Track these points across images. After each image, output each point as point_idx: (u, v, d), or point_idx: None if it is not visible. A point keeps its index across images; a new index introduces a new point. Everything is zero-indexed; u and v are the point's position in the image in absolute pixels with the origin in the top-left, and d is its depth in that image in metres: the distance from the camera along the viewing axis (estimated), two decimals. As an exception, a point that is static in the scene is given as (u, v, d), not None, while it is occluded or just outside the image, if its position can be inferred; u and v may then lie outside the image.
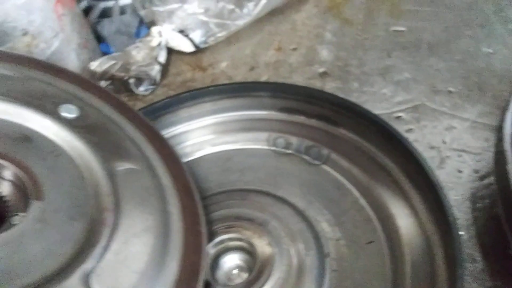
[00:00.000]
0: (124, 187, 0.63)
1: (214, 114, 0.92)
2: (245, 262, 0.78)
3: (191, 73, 1.09)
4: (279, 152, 0.89)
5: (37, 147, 0.65)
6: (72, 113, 0.68)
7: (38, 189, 0.61)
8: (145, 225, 0.61)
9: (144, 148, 0.71)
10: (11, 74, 0.70)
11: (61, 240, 0.58)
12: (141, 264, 0.58)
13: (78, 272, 0.54)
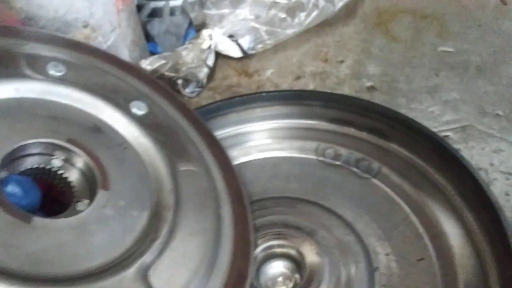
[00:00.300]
0: (184, 187, 0.64)
1: (263, 120, 0.93)
2: (291, 270, 0.78)
3: (237, 78, 1.09)
4: (327, 162, 0.89)
5: (106, 138, 0.66)
6: (142, 110, 0.70)
7: (105, 178, 0.62)
8: (201, 226, 0.62)
9: (203, 152, 0.72)
10: (90, 66, 0.72)
11: (123, 231, 0.59)
12: (195, 263, 0.58)
13: (137, 265, 0.55)
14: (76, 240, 0.56)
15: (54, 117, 0.65)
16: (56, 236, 0.55)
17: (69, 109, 0.67)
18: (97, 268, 0.54)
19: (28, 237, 0.53)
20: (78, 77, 0.69)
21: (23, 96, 0.64)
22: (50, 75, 0.67)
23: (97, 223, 0.58)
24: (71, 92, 0.67)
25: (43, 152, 0.64)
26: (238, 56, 1.10)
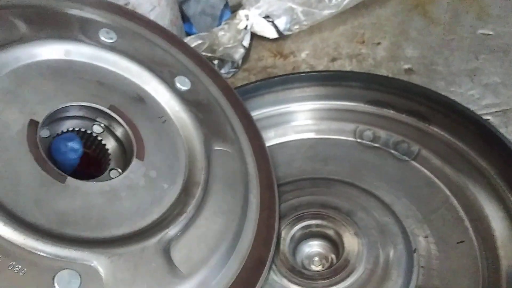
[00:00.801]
0: (216, 167, 0.65)
1: (301, 101, 0.92)
2: (327, 250, 0.78)
3: (272, 59, 1.08)
4: (365, 144, 0.88)
5: (148, 109, 0.66)
6: (185, 85, 0.71)
7: (141, 149, 0.62)
8: (227, 207, 0.62)
9: (239, 134, 0.73)
10: (140, 37, 0.72)
11: (152, 202, 0.59)
12: (216, 243, 0.59)
13: (160, 236, 0.56)
14: (105, 205, 0.56)
15: (100, 83, 0.65)
16: (86, 198, 0.55)
17: (115, 77, 0.67)
18: (121, 234, 0.55)
19: (60, 196, 0.54)
20: (128, 46, 0.69)
21: (72, 59, 0.64)
22: (101, 41, 0.67)
23: (127, 191, 0.58)
24: (119, 60, 0.67)
25: (85, 116, 0.65)
26: (273, 37, 1.09)
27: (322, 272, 0.72)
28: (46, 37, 0.62)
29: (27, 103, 0.58)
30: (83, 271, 0.49)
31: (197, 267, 0.55)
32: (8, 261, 0.46)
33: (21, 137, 0.55)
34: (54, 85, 0.61)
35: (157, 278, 0.53)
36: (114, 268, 0.51)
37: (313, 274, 0.72)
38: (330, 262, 0.76)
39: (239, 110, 0.76)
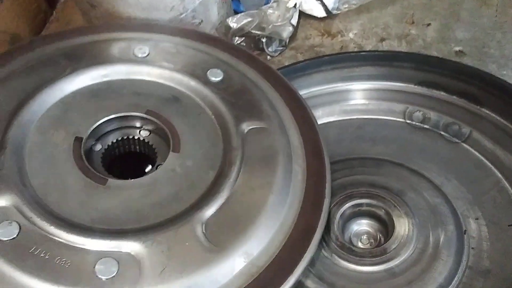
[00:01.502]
0: (251, 145, 0.67)
1: (350, 81, 0.92)
2: (375, 229, 0.79)
3: (319, 38, 1.08)
4: (414, 126, 0.88)
5: (183, 106, 0.72)
6: (218, 76, 0.75)
7: (177, 143, 0.68)
8: (265, 180, 0.63)
9: (279, 109, 0.74)
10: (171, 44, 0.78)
11: (188, 188, 0.63)
12: (255, 216, 0.60)
13: (195, 217, 0.58)
14: (143, 198, 0.61)
15: (136, 93, 0.73)
16: (126, 195, 0.62)
17: (151, 85, 0.74)
18: (156, 221, 0.59)
19: (101, 196, 0.61)
20: (160, 55, 0.76)
21: (110, 79, 0.73)
22: (136, 57, 0.75)
23: (164, 182, 0.63)
24: (152, 70, 0.75)
25: (130, 125, 0.73)
26: (321, 16, 1.09)
27: (372, 250, 0.74)
28: (85, 66, 0.73)
29: (72, 124, 0.68)
30: (121, 258, 0.55)
31: (236, 243, 0.57)
32: (56, 256, 0.54)
33: (68, 153, 0.65)
34: (95, 104, 0.70)
35: (192, 255, 0.55)
36: (149, 252, 0.55)
37: (363, 252, 0.73)
38: (378, 241, 0.77)
39: (280, 86, 0.77)
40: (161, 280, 0.53)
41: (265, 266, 0.57)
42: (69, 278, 0.52)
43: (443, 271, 0.70)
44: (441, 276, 0.70)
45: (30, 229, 0.55)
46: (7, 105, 0.67)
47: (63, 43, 0.78)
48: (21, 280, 0.52)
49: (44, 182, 0.61)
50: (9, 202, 0.57)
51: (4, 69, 0.73)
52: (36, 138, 0.66)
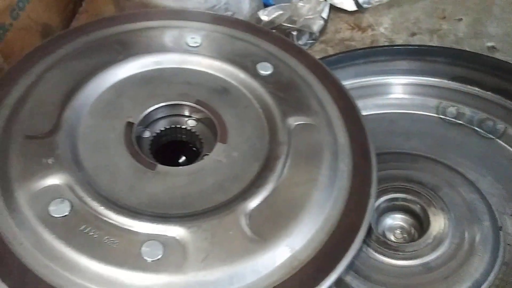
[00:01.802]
0: (298, 140, 0.66)
1: (382, 75, 0.92)
2: (409, 224, 0.79)
3: (349, 32, 1.08)
4: (448, 121, 0.88)
5: (231, 98, 0.72)
6: (267, 70, 0.75)
7: (224, 133, 0.68)
8: (310, 177, 0.63)
9: (327, 106, 0.73)
10: (223, 35, 0.79)
11: (233, 178, 0.63)
12: (299, 211, 0.60)
13: (239, 207, 0.58)
14: (189, 185, 0.62)
15: (187, 82, 0.73)
16: (173, 181, 0.62)
17: (201, 75, 0.75)
18: (202, 209, 0.60)
19: (150, 181, 0.62)
20: (212, 46, 0.77)
21: (162, 67, 0.74)
22: (188, 46, 0.76)
23: (210, 171, 0.64)
24: (203, 60, 0.75)
25: (178, 113, 0.73)
26: (352, 10, 1.09)
27: (408, 244, 0.74)
28: (138, 53, 0.73)
29: (124, 110, 0.69)
30: (166, 241, 0.55)
31: (277, 235, 0.57)
32: (104, 236, 0.55)
33: (119, 138, 0.66)
34: (147, 91, 0.71)
35: (235, 245, 0.56)
36: (194, 237, 0.55)
37: (399, 246, 0.73)
38: (412, 236, 0.77)
39: (328, 83, 0.76)
40: (204, 266, 0.54)
41: (307, 261, 0.57)
42: (116, 258, 0.53)
43: (479, 267, 0.70)
44: (477, 272, 0.70)
45: (81, 208, 0.57)
46: (63, 87, 0.67)
47: (116, 28, 0.78)
48: (70, 256, 0.54)
49: (95, 164, 0.62)
50: (62, 181, 0.58)
51: (60, 51, 0.73)
52: (89, 121, 0.66)
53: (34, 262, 0.54)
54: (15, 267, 0.54)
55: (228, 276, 0.54)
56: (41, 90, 0.68)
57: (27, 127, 0.63)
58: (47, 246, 0.55)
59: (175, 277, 0.53)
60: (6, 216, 0.57)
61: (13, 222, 0.57)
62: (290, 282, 0.55)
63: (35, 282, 0.53)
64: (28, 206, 0.57)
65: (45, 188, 0.58)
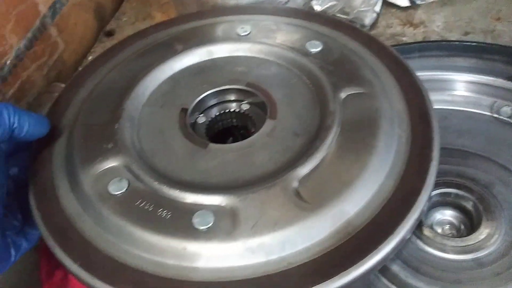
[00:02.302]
0: (349, 109, 0.66)
1: (437, 70, 0.91)
2: (458, 220, 0.78)
3: (401, 27, 1.07)
4: (502, 120, 0.86)
5: (281, 77, 0.74)
6: (317, 47, 0.76)
7: (274, 110, 0.70)
8: (364, 143, 0.62)
9: (381, 75, 0.73)
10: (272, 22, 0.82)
11: (283, 151, 0.64)
12: (351, 177, 0.59)
13: (289, 175, 0.59)
14: (239, 159, 0.64)
15: (238, 69, 0.76)
16: (224, 156, 0.65)
17: (252, 60, 0.78)
18: (253, 179, 0.61)
19: (203, 158, 0.65)
20: (261, 32, 0.80)
21: (215, 57, 0.78)
22: (238, 36, 0.80)
23: (260, 146, 0.65)
24: (253, 46, 0.78)
25: (232, 99, 0.77)
26: (404, 5, 1.08)
27: (458, 239, 0.73)
28: (193, 46, 0.78)
29: (180, 97, 0.73)
30: (217, 211, 0.57)
31: (328, 201, 0.57)
32: (158, 209, 0.58)
33: (175, 122, 0.70)
34: (200, 79, 0.76)
35: (285, 211, 0.56)
36: (243, 206, 0.57)
37: (449, 239, 0.72)
38: (461, 233, 0.76)
39: (384, 55, 0.77)
40: (253, 233, 0.54)
41: (362, 226, 0.56)
42: (169, 228, 0.56)
43: (532, 266, 0.69)
44: (530, 270, 0.69)
45: (137, 185, 0.60)
46: (124, 82, 0.74)
47: (173, 29, 0.85)
48: (128, 229, 0.57)
49: (152, 147, 0.67)
50: (121, 162, 0.63)
51: (122, 54, 0.82)
52: (146, 110, 0.72)
53: (95, 236, 0.59)
54: (78, 242, 0.59)
55: (279, 241, 0.54)
56: (104, 86, 0.75)
57: (92, 117, 0.70)
58: (106, 221, 0.59)
59: (226, 244, 0.54)
60: (71, 196, 0.63)
61: (78, 202, 0.62)
62: (344, 248, 0.55)
63: (96, 255, 0.57)
64: (90, 186, 0.61)
65: (105, 169, 0.63)
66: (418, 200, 0.59)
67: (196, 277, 0.53)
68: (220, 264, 0.54)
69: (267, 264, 0.54)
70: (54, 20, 0.96)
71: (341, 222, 0.56)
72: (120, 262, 0.56)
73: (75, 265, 0.56)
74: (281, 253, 0.54)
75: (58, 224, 0.61)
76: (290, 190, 0.57)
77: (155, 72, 0.75)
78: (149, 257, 0.55)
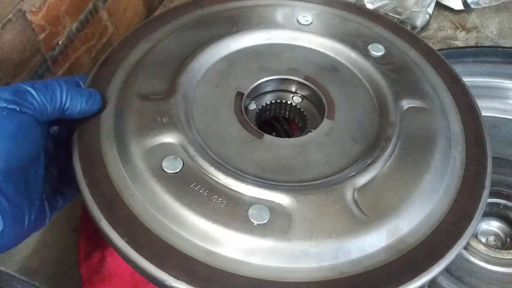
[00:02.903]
0: (409, 122, 0.65)
1: (488, 77, 0.89)
2: (505, 232, 0.76)
3: (453, 31, 1.05)
4: (555, 132, 0.84)
5: (341, 76, 0.72)
6: (379, 51, 0.74)
7: (332, 110, 0.68)
8: (421, 160, 0.61)
9: (440, 92, 0.71)
10: (334, 15, 0.79)
11: (340, 155, 0.63)
12: (408, 194, 0.58)
13: (347, 183, 0.57)
14: (295, 157, 0.62)
15: (296, 59, 0.74)
16: (279, 151, 0.63)
17: (311, 52, 0.75)
18: (308, 180, 0.59)
19: (258, 149, 0.63)
20: (323, 25, 0.77)
21: (273, 42, 0.75)
22: (299, 24, 0.77)
23: (316, 145, 0.64)
24: (314, 38, 0.75)
25: (284, 89, 0.74)
26: (458, 9, 1.05)
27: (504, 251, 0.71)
28: (251, 28, 0.75)
29: (235, 80, 0.70)
30: (272, 207, 0.55)
31: (385, 215, 0.56)
32: (213, 195, 0.56)
33: (230, 105, 0.67)
34: (257, 64, 0.73)
35: (342, 219, 0.55)
36: (300, 207, 0.55)
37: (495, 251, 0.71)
38: (505, 246, 0.74)
39: (441, 69, 0.75)
40: (310, 236, 0.53)
41: (415, 245, 0.56)
42: (224, 217, 0.54)
43: None
44: None
45: (192, 167, 0.58)
46: (178, 53, 0.70)
47: (230, 4, 0.81)
48: (179, 211, 0.55)
49: (206, 128, 0.64)
50: (176, 140, 0.60)
51: (176, 22, 0.77)
52: (201, 87, 0.68)
53: (143, 213, 0.56)
54: (125, 216, 0.56)
55: (333, 249, 0.53)
56: (158, 55, 0.71)
57: (143, 87, 0.66)
58: (158, 199, 0.56)
59: (280, 243, 0.53)
60: (120, 168, 0.59)
61: (126, 174, 0.59)
62: (397, 264, 0.54)
63: (143, 232, 0.54)
64: (142, 160, 0.58)
65: (159, 144, 0.59)
66: (469, 226, 0.58)
67: (248, 272, 0.52)
68: (272, 263, 0.52)
69: (319, 270, 0.53)
70: (105, 4, 0.97)
71: (394, 238, 0.56)
72: (169, 244, 0.53)
73: (122, 241, 0.53)
74: (333, 261, 0.53)
75: (105, 194, 0.58)
76: (348, 198, 0.56)
77: (212, 49, 0.71)
78: (200, 244, 0.53)
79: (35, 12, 0.78)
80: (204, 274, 0.51)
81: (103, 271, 0.76)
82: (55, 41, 0.85)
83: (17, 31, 0.76)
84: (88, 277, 0.75)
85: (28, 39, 0.79)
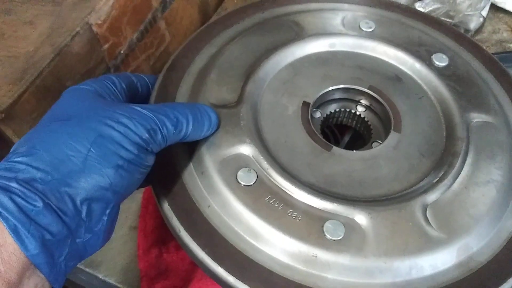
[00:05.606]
0: (477, 138, 0.65)
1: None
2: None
3: (508, 34, 1.04)
4: None
5: (405, 87, 0.72)
6: (443, 62, 0.73)
7: (398, 122, 0.68)
8: (490, 177, 0.61)
9: (505, 105, 0.71)
10: (397, 22, 0.79)
11: (408, 169, 0.63)
12: (478, 211, 0.59)
13: (419, 200, 0.58)
14: (365, 170, 0.63)
15: (360, 67, 0.74)
16: (349, 164, 0.63)
17: (374, 61, 0.75)
18: (380, 196, 0.60)
19: (327, 162, 0.63)
20: (385, 32, 0.76)
21: (336, 50, 0.75)
22: (362, 31, 0.76)
23: (385, 159, 0.64)
24: (377, 46, 0.75)
25: (349, 98, 0.74)
26: (514, 11, 1.04)
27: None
28: (314, 34, 0.75)
29: (301, 89, 0.70)
30: (347, 223, 0.56)
31: (457, 233, 0.57)
32: (288, 209, 0.57)
33: (296, 115, 0.67)
34: (322, 72, 0.72)
35: (415, 237, 0.56)
36: (374, 223, 0.56)
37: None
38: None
39: (505, 82, 0.74)
40: (384, 253, 0.54)
41: (484, 263, 0.57)
42: (299, 232, 0.55)
43: None
44: None
45: (265, 179, 0.59)
46: (244, 61, 0.70)
47: (291, 8, 0.81)
48: (255, 223, 0.56)
49: (274, 139, 0.64)
50: (249, 152, 0.60)
51: (238, 26, 0.78)
52: (267, 96, 0.68)
53: (220, 224, 0.57)
54: (204, 227, 0.57)
55: (407, 266, 0.54)
56: (224, 62, 0.71)
57: (213, 96, 0.66)
58: (234, 211, 0.57)
59: (356, 259, 0.54)
60: (196, 179, 0.60)
61: (202, 185, 0.60)
62: (468, 283, 0.55)
63: (222, 244, 0.56)
64: (217, 171, 0.59)
65: (232, 156, 0.60)
66: None
67: (324, 287, 0.53)
68: (348, 278, 0.54)
69: (393, 285, 0.54)
70: (163, 14, 1.01)
71: (464, 256, 0.57)
72: (248, 256, 0.54)
73: (203, 252, 0.55)
74: (407, 277, 0.54)
75: (183, 204, 0.59)
76: (420, 214, 0.57)
77: (276, 56, 0.71)
78: (278, 258, 0.54)
79: (100, 25, 0.83)
80: (283, 287, 0.53)
81: (160, 267, 0.81)
82: (118, 50, 0.90)
83: (84, 43, 0.81)
84: (146, 271, 0.81)
85: (94, 49, 0.84)
